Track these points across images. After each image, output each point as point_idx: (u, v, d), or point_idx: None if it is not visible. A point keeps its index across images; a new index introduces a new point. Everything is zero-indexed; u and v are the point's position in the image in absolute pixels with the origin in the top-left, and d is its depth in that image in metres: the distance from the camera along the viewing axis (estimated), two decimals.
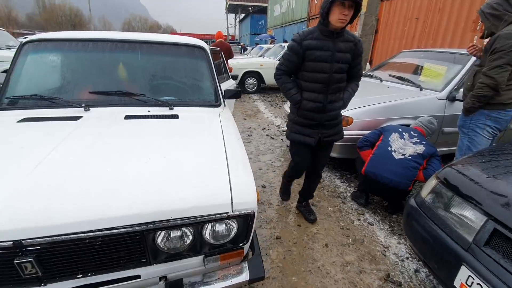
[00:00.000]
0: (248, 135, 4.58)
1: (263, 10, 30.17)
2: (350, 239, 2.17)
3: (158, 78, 2.06)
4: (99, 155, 1.25)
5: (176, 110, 1.87)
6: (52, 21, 45.47)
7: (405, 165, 2.32)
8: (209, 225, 1.11)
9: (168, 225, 1.02)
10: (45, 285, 1.01)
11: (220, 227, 1.14)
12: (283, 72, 1.91)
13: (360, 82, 2.03)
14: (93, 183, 1.06)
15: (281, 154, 3.84)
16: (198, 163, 1.25)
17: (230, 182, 1.15)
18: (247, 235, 1.20)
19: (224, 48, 5.78)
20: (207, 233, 1.12)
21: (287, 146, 4.17)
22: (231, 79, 4.21)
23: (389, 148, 2.43)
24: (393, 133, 2.52)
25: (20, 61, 1.92)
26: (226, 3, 39.29)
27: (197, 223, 1.07)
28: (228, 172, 1.20)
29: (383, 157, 2.41)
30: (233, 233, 1.15)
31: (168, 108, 1.87)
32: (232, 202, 1.09)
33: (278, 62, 8.16)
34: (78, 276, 1.03)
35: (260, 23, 32.16)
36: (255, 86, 8.60)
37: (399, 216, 2.51)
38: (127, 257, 1.05)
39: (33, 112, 1.71)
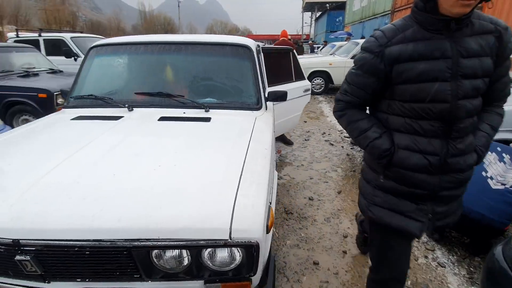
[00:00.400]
0: (305, 140, 4.29)
1: (341, 6, 28.66)
2: (409, 282, 1.73)
3: (199, 79, 2.02)
4: (116, 158, 1.23)
5: (211, 113, 1.79)
6: (150, 30, 52.75)
7: (505, 198, 1.73)
8: (208, 249, 0.96)
9: (157, 245, 0.91)
10: (48, 282, 1.02)
11: (221, 254, 0.98)
12: (347, 105, 1.11)
13: None
14: (95, 189, 1.03)
15: (338, 163, 3.45)
16: (207, 175, 1.11)
17: (234, 203, 0.98)
18: (254, 267, 1.00)
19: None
20: (205, 257, 0.97)
21: (347, 154, 3.73)
22: (303, 80, 3.53)
23: (483, 173, 1.85)
24: (489, 153, 1.92)
25: (87, 64, 2.11)
26: (303, 2, 38.79)
27: (189, 247, 0.93)
28: (237, 190, 1.03)
29: (473, 183, 1.83)
30: (234, 263, 0.98)
31: (204, 110, 1.80)
32: (231, 228, 0.91)
33: (349, 60, 7.46)
34: (78, 279, 1.01)
35: (337, 19, 30.67)
36: (322, 86, 8.13)
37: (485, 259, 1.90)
38: (119, 270, 0.98)
39: (88, 110, 1.86)
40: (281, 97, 2.10)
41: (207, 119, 1.68)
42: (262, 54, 2.94)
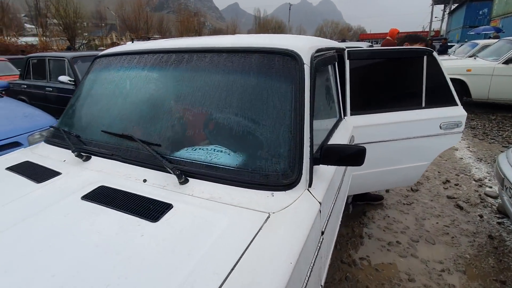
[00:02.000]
0: (411, 189, 2.82)
1: None
2: None
3: (194, 113, 1.15)
4: None
5: (186, 189, 0.92)
6: (261, 33, 55.43)
7: None
8: None
9: None
10: None
11: None
12: None
13: None
14: None
15: (471, 255, 1.94)
16: None
17: None
18: None
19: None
20: None
21: (490, 237, 2.12)
22: (448, 106, 1.96)
23: None
24: None
25: (85, 82, 1.58)
26: None
27: None
28: None
29: None
30: None
31: (178, 180, 0.93)
32: None
33: (501, 65, 5.17)
34: None
35: (480, 12, 24.29)
36: None
37: None
38: None
39: (49, 150, 1.33)
40: (349, 158, 1.00)
41: (158, 213, 0.81)
42: (346, 62, 1.84)
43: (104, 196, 0.89)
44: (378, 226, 2.25)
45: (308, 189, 0.93)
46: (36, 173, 1.09)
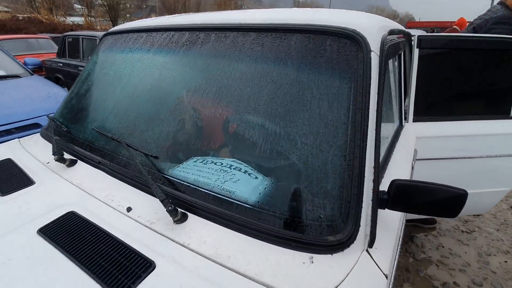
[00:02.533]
0: (472, 215, 2.32)
1: None
2: None
3: (206, 117, 0.84)
4: None
5: (182, 231, 0.63)
6: None
7: None
8: None
9: None
10: None
11: None
12: None
13: None
14: None
15: None
16: None
17: None
18: None
19: None
20: None
21: None
22: None
23: None
24: None
25: (87, 66, 1.34)
26: None
27: None
28: None
29: None
30: None
31: (171, 217, 0.64)
32: None
33: None
34: None
35: None
36: None
37: None
38: None
39: (41, 146, 1.10)
40: (439, 206, 0.64)
41: (130, 282, 0.53)
42: (415, 51, 1.42)
43: (66, 232, 0.63)
44: (430, 259, 1.83)
45: (367, 251, 0.59)
46: (8, 178, 0.87)
